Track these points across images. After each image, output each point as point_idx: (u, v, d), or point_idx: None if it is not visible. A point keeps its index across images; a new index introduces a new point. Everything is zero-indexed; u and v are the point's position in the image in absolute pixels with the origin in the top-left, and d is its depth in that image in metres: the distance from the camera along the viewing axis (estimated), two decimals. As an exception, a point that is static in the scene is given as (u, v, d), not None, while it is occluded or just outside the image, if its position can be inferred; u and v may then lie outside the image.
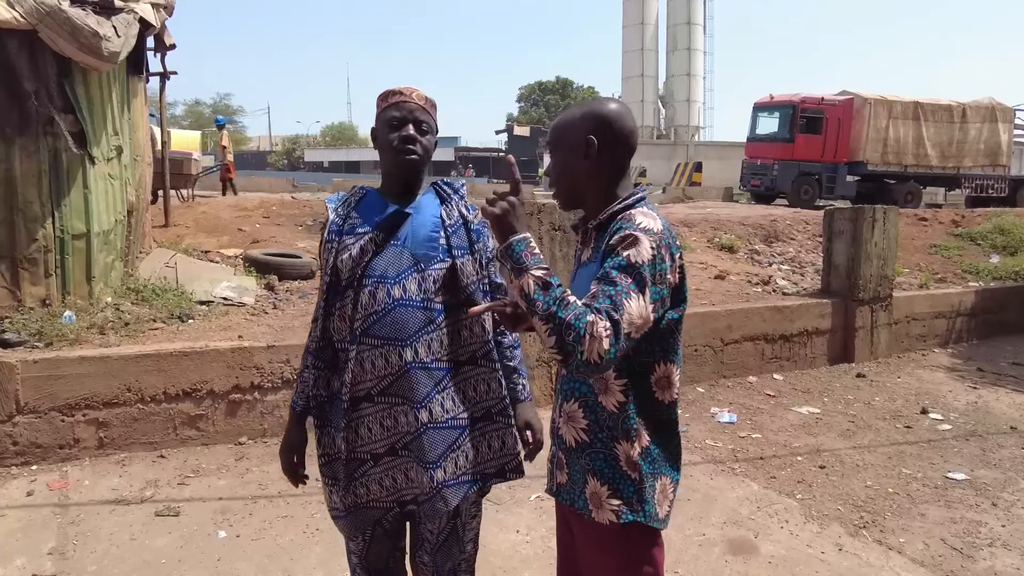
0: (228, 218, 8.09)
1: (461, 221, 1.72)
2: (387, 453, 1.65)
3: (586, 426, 1.44)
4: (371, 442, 1.66)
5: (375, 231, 1.66)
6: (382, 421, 1.64)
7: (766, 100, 17.70)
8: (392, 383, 1.63)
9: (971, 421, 4.67)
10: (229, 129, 14.76)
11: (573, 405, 1.46)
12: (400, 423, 1.63)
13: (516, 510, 3.26)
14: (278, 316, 5.16)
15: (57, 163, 4.33)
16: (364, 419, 1.64)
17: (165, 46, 6.16)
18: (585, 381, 1.43)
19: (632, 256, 1.28)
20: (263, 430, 4.04)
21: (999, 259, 9.32)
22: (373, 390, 1.63)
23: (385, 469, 1.66)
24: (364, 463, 1.67)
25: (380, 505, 1.69)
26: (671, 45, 35.28)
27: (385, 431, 1.65)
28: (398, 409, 1.63)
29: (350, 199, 1.74)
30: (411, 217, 1.69)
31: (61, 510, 3.15)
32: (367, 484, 1.68)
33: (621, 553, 1.44)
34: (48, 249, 4.35)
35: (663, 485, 1.43)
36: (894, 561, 2.88)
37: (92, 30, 4.11)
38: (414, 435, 1.63)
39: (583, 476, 1.44)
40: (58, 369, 3.58)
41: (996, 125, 17.75)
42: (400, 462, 1.66)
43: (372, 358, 1.63)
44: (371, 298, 1.62)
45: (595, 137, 1.43)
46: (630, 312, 1.24)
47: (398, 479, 1.66)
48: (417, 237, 1.66)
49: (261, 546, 2.89)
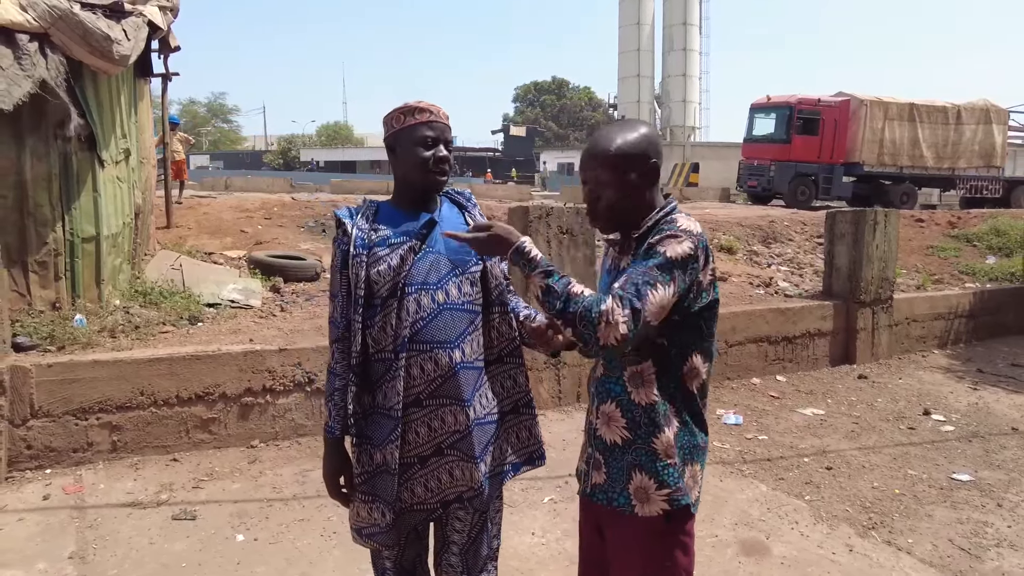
0: (230, 219, 8.09)
1: None
2: (434, 454, 1.70)
3: (626, 424, 1.51)
4: (419, 446, 1.70)
5: (412, 240, 1.68)
6: (430, 423, 1.69)
7: (763, 101, 17.80)
8: (441, 384, 1.67)
9: (973, 422, 4.74)
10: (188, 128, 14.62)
11: (611, 406, 1.53)
12: (447, 423, 1.68)
13: (530, 512, 3.30)
14: (286, 319, 5.18)
15: (67, 166, 4.34)
16: (412, 424, 1.68)
17: (170, 48, 6.15)
18: (619, 381, 1.52)
19: (669, 252, 1.38)
20: (275, 433, 4.06)
21: (995, 260, 9.42)
22: (422, 394, 1.68)
23: (431, 470, 1.71)
24: (411, 467, 1.71)
25: (425, 507, 1.73)
26: (667, 46, 35.36)
27: (433, 433, 1.69)
28: (446, 410, 1.68)
29: (367, 212, 1.75)
30: (438, 225, 1.73)
31: (78, 514, 3.17)
32: (412, 488, 1.71)
33: (665, 544, 1.50)
34: (58, 252, 4.35)
35: (693, 472, 1.52)
36: (904, 562, 2.93)
37: (104, 34, 4.12)
38: (463, 433, 1.69)
39: (626, 473, 1.50)
40: (72, 373, 3.59)
41: (990, 126, 17.92)
42: (445, 461, 1.70)
43: (421, 362, 1.66)
44: (417, 305, 1.66)
45: (652, 158, 1.51)
46: (652, 301, 1.34)
47: (443, 479, 1.71)
48: (450, 244, 1.70)
49: (279, 550, 2.92)
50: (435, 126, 1.69)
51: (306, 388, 4.11)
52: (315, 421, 4.12)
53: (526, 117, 53.26)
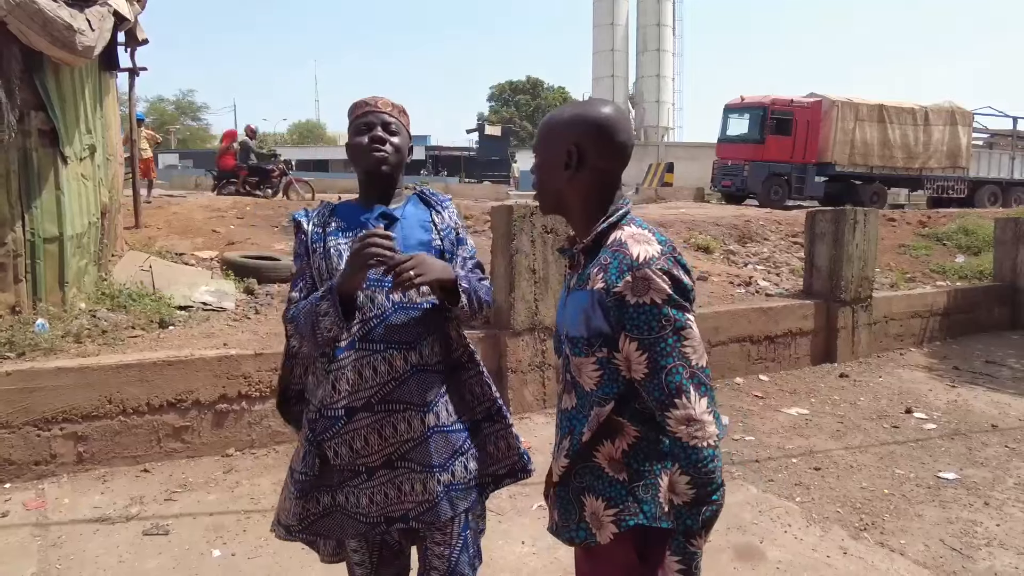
0: (201, 219, 7.86)
1: (453, 228, 1.75)
2: (383, 466, 1.60)
3: (567, 451, 1.34)
4: (368, 455, 1.60)
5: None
6: (381, 431, 1.59)
7: (737, 102, 17.98)
8: (395, 389, 1.59)
9: (954, 420, 4.77)
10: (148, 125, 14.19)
11: (565, 442, 1.36)
12: (400, 431, 1.59)
13: (519, 520, 3.21)
14: (261, 321, 5.01)
15: (28, 163, 4.12)
16: (360, 431, 1.59)
17: (137, 41, 5.93)
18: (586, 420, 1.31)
19: (653, 301, 1.19)
20: (251, 441, 3.90)
21: (964, 259, 9.61)
22: (373, 398, 1.58)
23: (378, 484, 1.61)
24: (357, 475, 1.62)
25: (365, 520, 1.63)
26: (641, 46, 35.56)
27: (384, 441, 1.60)
28: (399, 416, 1.59)
29: (323, 211, 1.74)
30: (399, 221, 1.69)
31: (40, 531, 2.98)
32: (357, 496, 1.62)
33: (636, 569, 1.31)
34: (18, 254, 4.13)
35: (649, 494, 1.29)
36: (898, 564, 2.90)
37: (65, 23, 3.92)
38: (417, 441, 1.59)
39: (577, 500, 1.33)
40: (33, 381, 3.40)
41: (956, 128, 18.33)
42: (395, 475, 1.61)
43: (374, 363, 1.58)
44: (370, 302, 1.59)
45: (579, 146, 1.29)
46: (698, 360, 1.21)
47: (390, 494, 1.61)
48: (409, 240, 1.66)
49: (259, 565, 2.78)
50: (369, 113, 1.69)
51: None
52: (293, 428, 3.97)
53: (501, 116, 53.15)
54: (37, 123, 4.14)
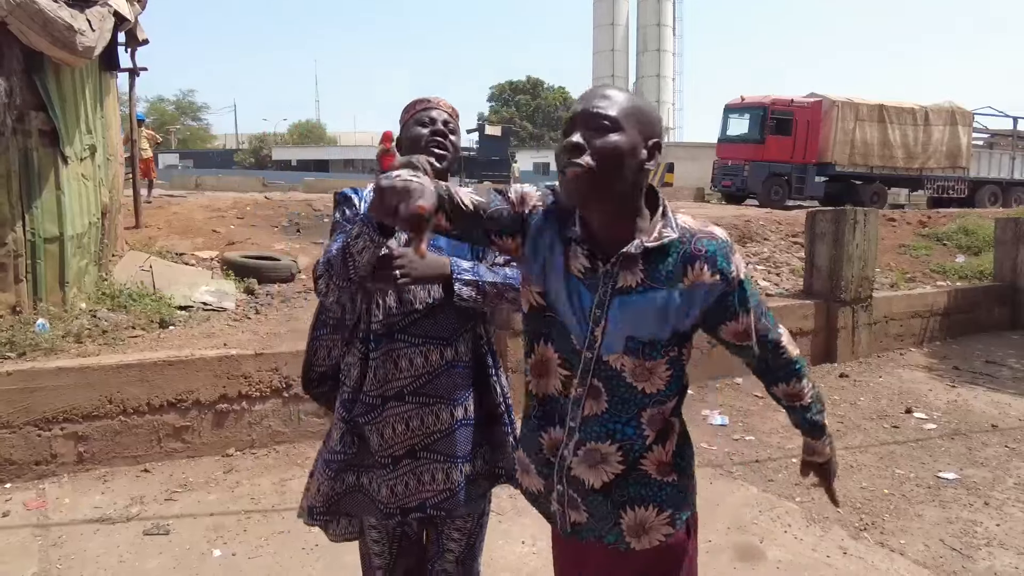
0: (201, 219, 7.86)
1: None
2: (406, 455, 1.63)
3: (621, 459, 1.28)
4: (393, 444, 1.62)
5: None
6: (408, 422, 1.62)
7: (737, 102, 17.97)
8: (428, 382, 1.62)
9: (954, 420, 4.77)
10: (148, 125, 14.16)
11: (610, 448, 1.28)
12: (428, 423, 1.62)
13: (519, 520, 3.20)
14: (261, 321, 5.02)
15: (28, 163, 4.12)
16: (390, 419, 1.61)
17: (137, 41, 5.93)
18: (631, 423, 1.27)
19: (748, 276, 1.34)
20: (251, 441, 3.90)
21: (964, 259, 9.60)
22: (406, 388, 1.61)
23: (400, 474, 1.63)
24: (383, 467, 1.64)
25: (383, 510, 1.64)
26: (641, 46, 35.63)
27: (410, 432, 1.62)
28: (427, 409, 1.62)
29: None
30: None
31: (41, 531, 2.99)
32: (378, 485, 1.64)
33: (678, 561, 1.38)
34: (18, 254, 4.14)
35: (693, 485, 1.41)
36: (898, 564, 2.90)
37: (66, 23, 3.92)
38: (444, 433, 1.62)
39: (614, 511, 1.30)
40: (34, 381, 3.40)
41: (956, 128, 18.32)
42: (417, 465, 1.63)
43: (410, 356, 1.61)
44: (412, 296, 1.62)
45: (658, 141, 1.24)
46: None
47: (410, 484, 1.63)
48: (440, 239, 1.64)
49: (260, 565, 2.78)
50: (432, 109, 1.71)
51: (283, 394, 3.96)
52: (293, 428, 3.98)
53: (501, 116, 53.07)
54: (38, 123, 4.14)
